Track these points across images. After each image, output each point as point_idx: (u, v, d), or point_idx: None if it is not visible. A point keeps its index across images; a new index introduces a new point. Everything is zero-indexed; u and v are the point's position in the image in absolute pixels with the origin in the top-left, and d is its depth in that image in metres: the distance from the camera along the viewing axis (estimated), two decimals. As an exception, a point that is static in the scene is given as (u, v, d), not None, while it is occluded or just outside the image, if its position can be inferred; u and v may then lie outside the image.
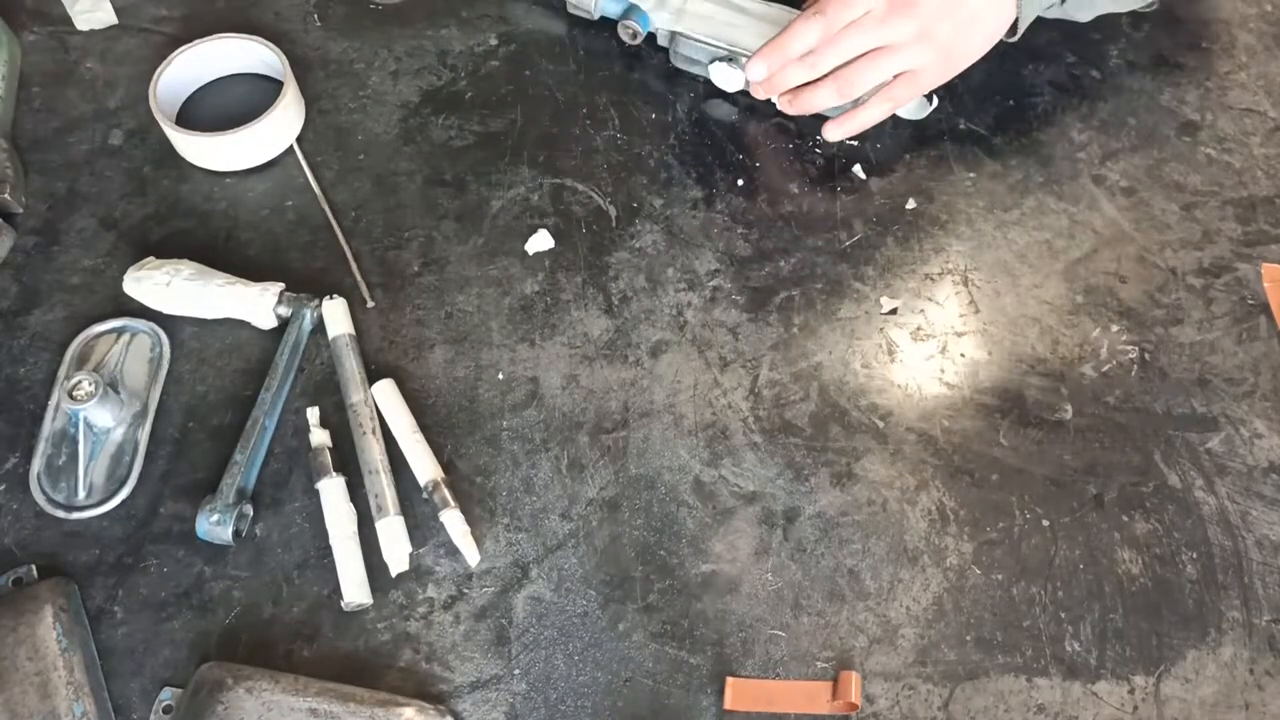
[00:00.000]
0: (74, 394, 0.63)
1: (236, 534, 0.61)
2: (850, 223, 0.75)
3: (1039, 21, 0.76)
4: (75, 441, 0.64)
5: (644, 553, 0.62)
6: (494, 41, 0.83)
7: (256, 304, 0.67)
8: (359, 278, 0.71)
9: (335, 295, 0.69)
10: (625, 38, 0.80)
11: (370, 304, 0.70)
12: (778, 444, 0.66)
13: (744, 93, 0.79)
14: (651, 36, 0.81)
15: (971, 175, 0.77)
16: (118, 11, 0.83)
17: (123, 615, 0.60)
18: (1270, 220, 0.75)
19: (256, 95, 0.78)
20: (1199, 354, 0.70)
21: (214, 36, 0.77)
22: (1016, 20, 0.72)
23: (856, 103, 0.73)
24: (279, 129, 0.75)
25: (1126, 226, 0.75)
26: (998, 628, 0.61)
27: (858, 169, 0.77)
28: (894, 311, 0.71)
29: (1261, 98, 0.82)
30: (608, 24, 0.82)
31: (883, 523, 0.64)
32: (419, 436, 0.65)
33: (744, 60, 0.75)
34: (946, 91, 0.81)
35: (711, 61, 0.77)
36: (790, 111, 0.75)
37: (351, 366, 0.67)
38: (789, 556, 0.62)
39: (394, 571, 0.61)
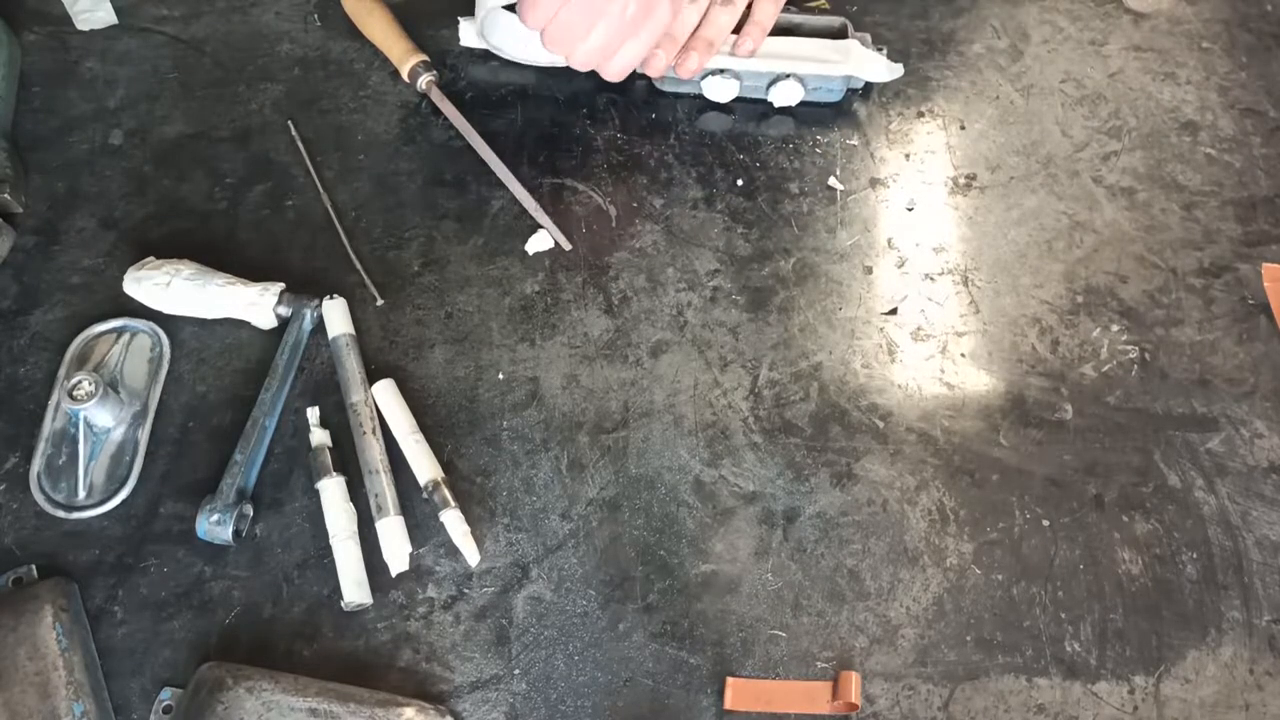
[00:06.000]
0: (74, 394, 0.63)
1: (237, 534, 0.61)
2: (850, 223, 0.75)
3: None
4: (75, 441, 0.64)
5: (644, 553, 0.62)
6: (494, 41, 0.83)
7: (256, 304, 0.67)
8: (365, 276, 0.71)
9: (335, 295, 0.69)
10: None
11: (379, 302, 0.70)
12: (778, 444, 0.66)
13: (739, 99, 0.79)
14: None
15: (969, 175, 0.77)
16: (118, 11, 0.83)
17: (123, 615, 0.60)
18: (1270, 220, 0.75)
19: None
20: (1199, 354, 0.70)
21: None
22: None
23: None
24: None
25: (1126, 226, 0.75)
26: (998, 628, 0.61)
27: (853, 169, 0.77)
28: (894, 311, 0.71)
29: (1261, 98, 0.82)
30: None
31: (883, 523, 0.64)
32: (419, 436, 0.65)
33: (736, 70, 0.76)
34: (947, 101, 0.81)
35: (704, 78, 0.77)
36: (685, 75, 0.75)
37: (351, 366, 0.67)
38: (789, 556, 0.62)
39: (394, 571, 0.61)
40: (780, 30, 0.78)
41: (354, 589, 0.60)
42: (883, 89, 0.81)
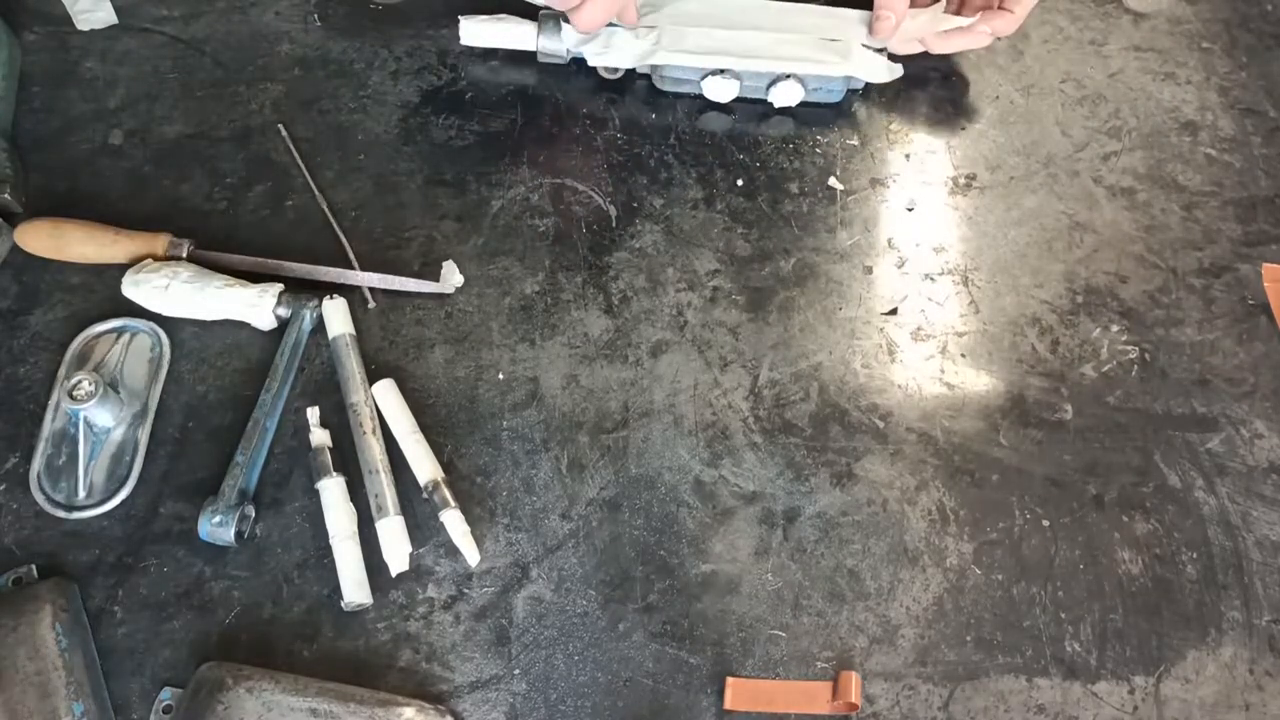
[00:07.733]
0: (74, 394, 0.63)
1: (239, 535, 0.61)
2: (850, 223, 0.75)
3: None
4: (75, 441, 0.64)
5: (644, 553, 0.62)
6: (494, 41, 0.83)
7: (256, 305, 0.67)
8: (358, 273, 0.71)
9: (335, 295, 0.69)
10: (604, 73, 0.80)
11: (371, 304, 0.70)
12: (778, 444, 0.66)
13: (739, 99, 0.79)
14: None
15: (969, 175, 0.77)
16: (118, 11, 0.83)
17: (123, 615, 0.60)
18: (1270, 220, 0.75)
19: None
20: (1199, 354, 0.70)
21: None
22: None
23: None
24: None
25: (1126, 226, 0.75)
26: (998, 628, 0.61)
27: (854, 168, 0.77)
28: (894, 311, 0.71)
29: (1261, 98, 0.82)
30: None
31: (883, 523, 0.64)
32: (419, 436, 0.65)
33: (736, 70, 0.75)
34: (946, 101, 0.81)
35: (704, 78, 0.77)
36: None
37: (351, 366, 0.67)
38: (789, 556, 0.62)
39: (394, 571, 0.61)
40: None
41: (354, 589, 0.60)
42: (883, 89, 0.81)
